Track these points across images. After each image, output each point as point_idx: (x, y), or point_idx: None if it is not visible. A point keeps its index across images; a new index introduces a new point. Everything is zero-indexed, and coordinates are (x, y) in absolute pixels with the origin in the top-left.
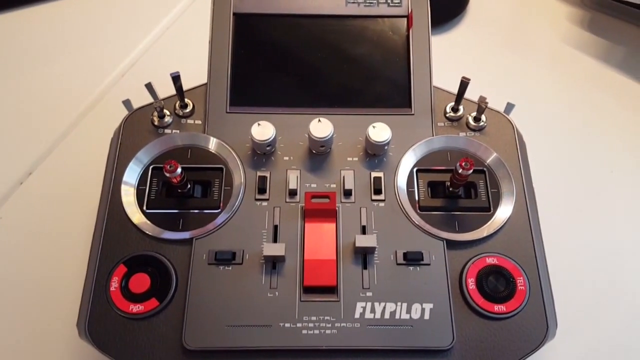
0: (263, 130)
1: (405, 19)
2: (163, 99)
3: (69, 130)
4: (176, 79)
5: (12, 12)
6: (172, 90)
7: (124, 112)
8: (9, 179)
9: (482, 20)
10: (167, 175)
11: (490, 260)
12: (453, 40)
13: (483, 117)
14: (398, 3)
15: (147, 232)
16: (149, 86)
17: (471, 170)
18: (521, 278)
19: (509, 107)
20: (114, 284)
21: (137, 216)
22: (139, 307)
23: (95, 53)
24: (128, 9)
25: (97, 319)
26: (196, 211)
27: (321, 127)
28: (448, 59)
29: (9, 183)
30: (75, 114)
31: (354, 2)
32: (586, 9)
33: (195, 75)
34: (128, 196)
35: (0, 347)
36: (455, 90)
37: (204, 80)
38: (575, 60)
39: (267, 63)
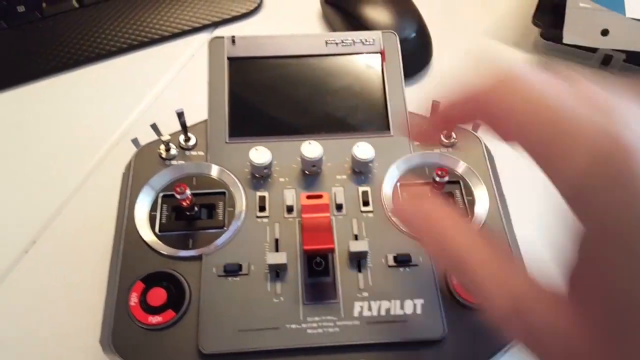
0: (260, 154)
1: (379, 55)
2: (170, 134)
3: (72, 195)
4: (180, 115)
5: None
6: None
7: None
8: (14, 249)
9: (444, 71)
10: (178, 197)
11: None
12: (419, 91)
13: (453, 135)
14: (372, 42)
15: (161, 252)
16: (154, 126)
17: (446, 178)
18: None
19: (476, 125)
20: (134, 299)
21: (150, 238)
22: (157, 319)
23: (90, 123)
24: (130, 70)
25: (120, 332)
26: (204, 231)
27: (312, 148)
28: (416, 108)
29: (15, 252)
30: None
31: (333, 43)
32: (540, 54)
33: (195, 119)
34: (141, 221)
35: None
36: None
37: (205, 118)
38: None
39: (260, 98)
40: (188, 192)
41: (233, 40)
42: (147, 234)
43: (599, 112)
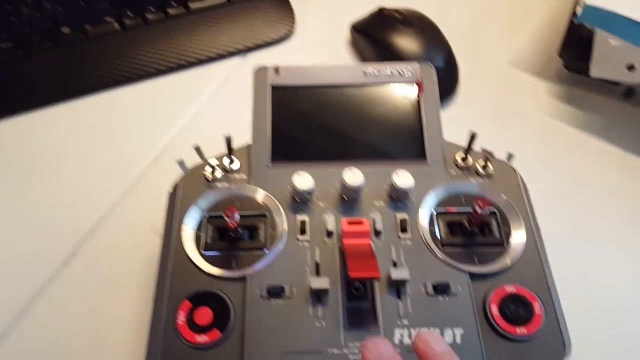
0: (303, 180)
1: (416, 85)
2: (216, 157)
3: (113, 209)
4: (228, 140)
5: (56, 107)
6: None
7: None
8: (53, 261)
9: (470, 100)
10: (228, 220)
11: (510, 289)
12: (445, 119)
13: (490, 165)
14: (408, 73)
15: (207, 271)
16: (197, 149)
17: (488, 209)
18: (537, 303)
19: (510, 157)
20: (181, 318)
21: (197, 258)
22: (204, 338)
23: (129, 143)
24: (165, 93)
25: (168, 350)
26: (246, 252)
27: (354, 176)
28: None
29: (53, 265)
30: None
31: (371, 73)
32: (563, 85)
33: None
34: (188, 240)
35: None
36: (461, 143)
37: (244, 142)
38: (557, 131)
39: (301, 125)
40: (237, 215)
41: (277, 69)
42: (194, 254)
43: None
